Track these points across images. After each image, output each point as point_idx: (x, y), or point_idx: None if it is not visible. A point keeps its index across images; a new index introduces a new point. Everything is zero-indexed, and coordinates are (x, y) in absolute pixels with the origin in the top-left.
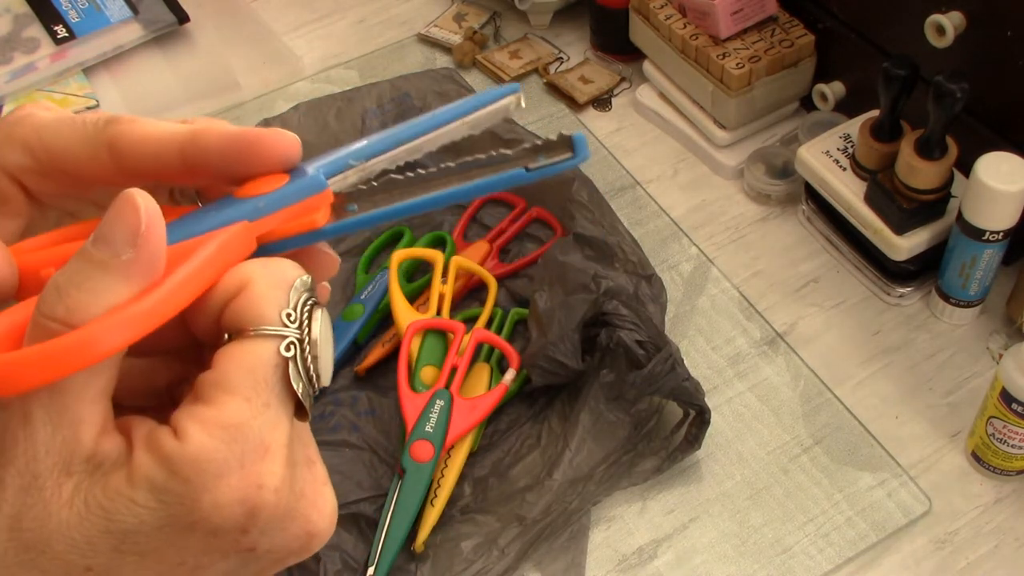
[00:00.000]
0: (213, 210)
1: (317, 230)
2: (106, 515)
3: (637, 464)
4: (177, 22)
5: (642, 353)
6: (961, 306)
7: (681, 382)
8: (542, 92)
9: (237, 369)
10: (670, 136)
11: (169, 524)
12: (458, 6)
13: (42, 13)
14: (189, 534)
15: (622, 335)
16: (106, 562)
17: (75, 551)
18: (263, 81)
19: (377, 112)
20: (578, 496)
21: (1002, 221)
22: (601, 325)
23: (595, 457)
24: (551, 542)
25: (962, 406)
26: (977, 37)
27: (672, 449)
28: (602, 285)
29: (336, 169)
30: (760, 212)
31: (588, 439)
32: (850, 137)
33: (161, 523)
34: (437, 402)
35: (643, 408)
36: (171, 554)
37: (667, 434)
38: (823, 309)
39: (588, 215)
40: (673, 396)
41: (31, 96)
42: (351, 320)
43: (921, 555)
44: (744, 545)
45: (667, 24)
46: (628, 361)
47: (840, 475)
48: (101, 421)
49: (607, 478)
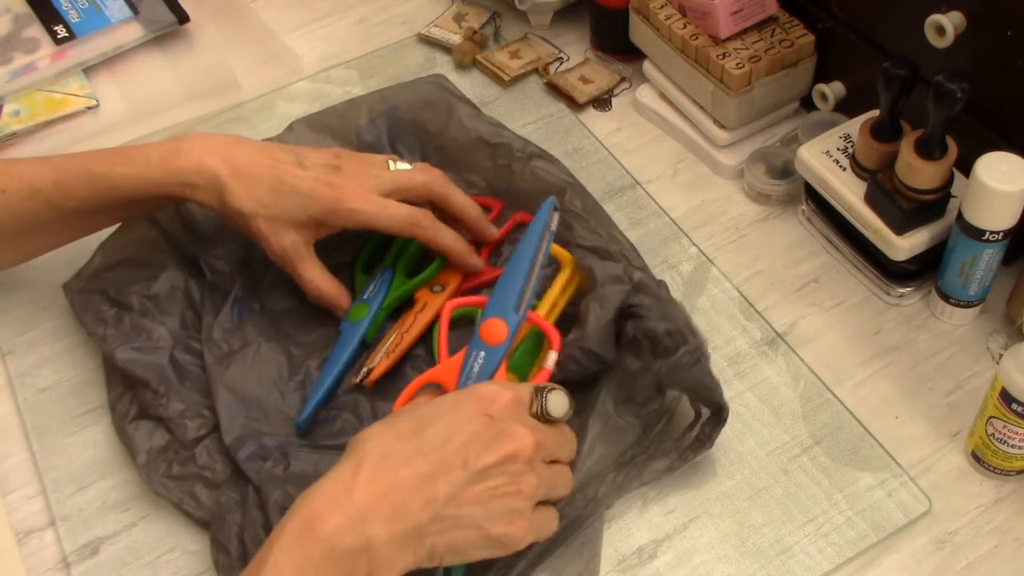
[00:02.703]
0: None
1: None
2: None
3: (648, 465)
4: (177, 22)
5: (669, 342)
6: (961, 306)
7: (704, 378)
8: (542, 92)
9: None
10: (670, 136)
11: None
12: (458, 6)
13: (42, 13)
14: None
15: (650, 324)
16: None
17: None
18: (263, 81)
19: (371, 127)
20: (589, 501)
21: (1002, 221)
22: (627, 318)
23: (605, 462)
24: (564, 547)
25: (962, 406)
26: (977, 37)
27: (684, 449)
28: (635, 276)
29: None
30: (760, 212)
31: (598, 444)
32: (850, 137)
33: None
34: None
35: (653, 410)
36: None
37: (679, 435)
38: (823, 309)
39: (585, 224)
40: (694, 391)
41: (31, 96)
42: (357, 320)
43: (921, 555)
44: (744, 545)
45: (667, 24)
46: (653, 352)
47: (840, 475)
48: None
49: (618, 482)
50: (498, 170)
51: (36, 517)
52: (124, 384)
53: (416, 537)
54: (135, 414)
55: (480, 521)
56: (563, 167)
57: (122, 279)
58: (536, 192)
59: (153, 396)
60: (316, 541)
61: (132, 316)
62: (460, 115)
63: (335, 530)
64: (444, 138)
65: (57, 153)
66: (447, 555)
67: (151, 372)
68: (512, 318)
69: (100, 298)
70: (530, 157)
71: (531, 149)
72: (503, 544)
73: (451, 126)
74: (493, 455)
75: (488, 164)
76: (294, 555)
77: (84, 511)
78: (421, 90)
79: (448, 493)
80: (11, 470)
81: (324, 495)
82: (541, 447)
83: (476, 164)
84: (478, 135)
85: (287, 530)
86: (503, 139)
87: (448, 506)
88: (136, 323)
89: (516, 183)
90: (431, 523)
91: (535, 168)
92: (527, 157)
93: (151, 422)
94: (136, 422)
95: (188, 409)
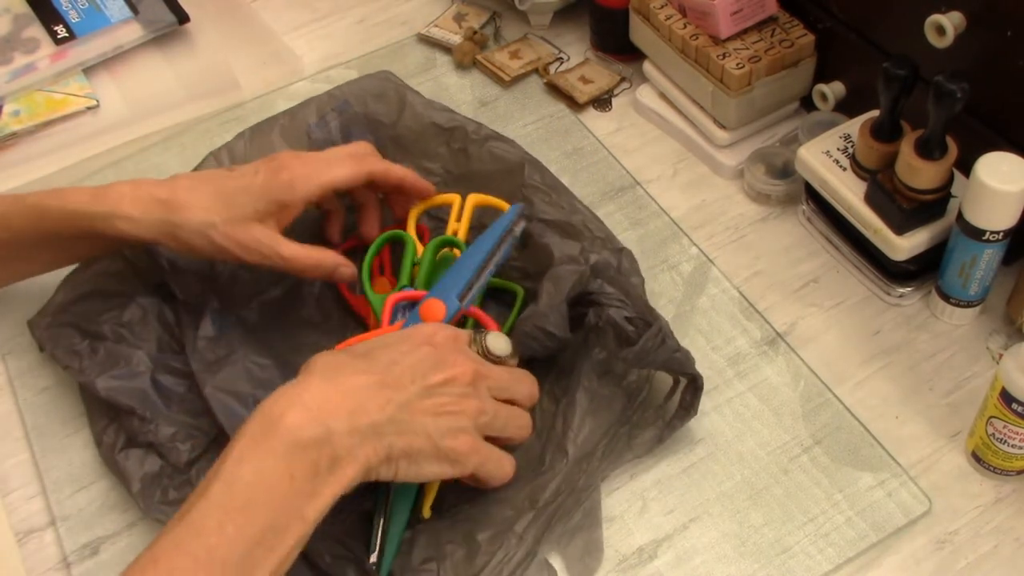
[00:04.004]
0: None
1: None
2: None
3: (636, 436)
4: (177, 22)
5: (632, 329)
6: (961, 306)
7: (672, 354)
8: (542, 92)
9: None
10: (670, 136)
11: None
12: (458, 6)
13: (42, 13)
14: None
15: (611, 313)
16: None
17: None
18: (263, 81)
19: (321, 125)
20: (584, 473)
21: (1002, 221)
22: (587, 304)
23: (596, 434)
24: (565, 523)
25: (962, 406)
26: (977, 37)
27: (669, 418)
28: (591, 259)
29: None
30: (760, 212)
31: (588, 417)
32: (850, 137)
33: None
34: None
35: (633, 380)
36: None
37: (660, 403)
38: (823, 309)
39: (545, 198)
40: (665, 368)
41: (31, 96)
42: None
43: (921, 555)
44: (744, 545)
45: (667, 24)
46: (617, 338)
47: (840, 475)
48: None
49: (609, 452)
50: (454, 155)
51: (36, 517)
52: (106, 415)
53: (375, 434)
54: (123, 443)
55: (430, 431)
56: (518, 146)
57: (91, 310)
58: (494, 172)
59: (140, 423)
60: (278, 434)
61: (107, 345)
62: (412, 104)
63: (296, 424)
64: (398, 128)
65: (56, 153)
66: (402, 461)
67: (135, 398)
68: (452, 303)
69: (70, 331)
70: (485, 139)
71: (485, 131)
72: (451, 459)
73: (404, 116)
74: (438, 375)
75: (444, 150)
76: (257, 449)
77: (84, 511)
78: (369, 85)
79: (401, 400)
80: (11, 470)
81: (283, 397)
82: (484, 377)
83: (432, 151)
84: (432, 121)
85: (248, 430)
86: (457, 123)
87: (402, 412)
88: (112, 351)
89: (473, 165)
90: (388, 423)
91: (492, 148)
92: (482, 139)
93: (141, 449)
94: (126, 451)
95: (179, 432)
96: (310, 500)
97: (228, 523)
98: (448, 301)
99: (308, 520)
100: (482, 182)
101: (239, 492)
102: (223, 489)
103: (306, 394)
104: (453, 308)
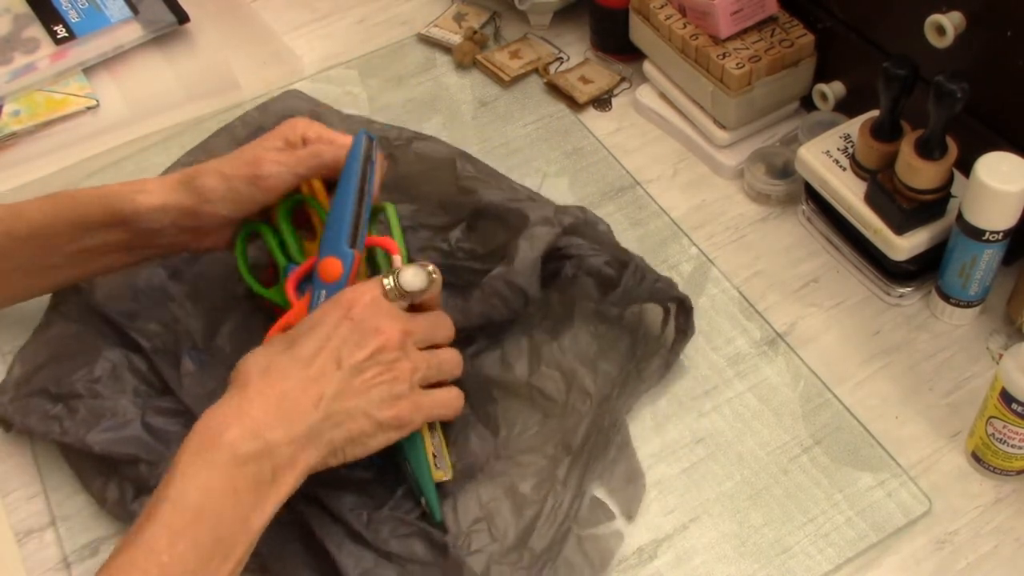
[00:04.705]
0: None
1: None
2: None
3: (644, 368)
4: (177, 22)
5: (611, 272)
6: (961, 306)
7: (654, 284)
8: (542, 92)
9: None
10: (670, 136)
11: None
12: (458, 6)
13: (42, 13)
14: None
15: (590, 261)
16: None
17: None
18: (263, 81)
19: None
20: (608, 413)
21: (1002, 221)
22: (559, 259)
23: (613, 374)
24: (603, 460)
25: (962, 406)
26: (977, 37)
27: (671, 343)
28: (564, 220)
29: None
30: (760, 212)
31: (600, 361)
32: (850, 137)
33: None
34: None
35: (628, 318)
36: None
37: (658, 333)
38: (823, 309)
39: (484, 185)
40: (652, 299)
41: (31, 96)
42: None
43: (921, 555)
44: (744, 545)
45: (667, 24)
46: (600, 285)
47: (840, 475)
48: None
49: (625, 389)
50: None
51: (36, 517)
52: (101, 473)
53: (314, 435)
54: (133, 493)
55: (366, 409)
56: (442, 142)
57: (58, 374)
58: (423, 172)
59: (147, 467)
60: (218, 451)
61: (85, 402)
62: (327, 119)
63: (235, 439)
64: None
65: (56, 153)
66: (347, 447)
67: (133, 446)
68: (346, 253)
69: (39, 399)
70: (409, 141)
71: (407, 133)
72: (395, 426)
73: None
74: (363, 351)
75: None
76: (200, 466)
77: (84, 511)
78: (280, 106)
79: (332, 390)
80: (11, 470)
81: (219, 414)
82: (409, 334)
83: None
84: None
85: (188, 448)
86: (378, 130)
87: (336, 402)
88: (93, 407)
89: (401, 170)
90: (324, 420)
91: (416, 149)
92: (406, 141)
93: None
94: (138, 500)
95: None
96: (254, 511)
97: (178, 541)
98: (340, 254)
99: (254, 529)
100: (413, 184)
101: (186, 510)
102: (171, 509)
103: (241, 412)
104: (348, 258)
